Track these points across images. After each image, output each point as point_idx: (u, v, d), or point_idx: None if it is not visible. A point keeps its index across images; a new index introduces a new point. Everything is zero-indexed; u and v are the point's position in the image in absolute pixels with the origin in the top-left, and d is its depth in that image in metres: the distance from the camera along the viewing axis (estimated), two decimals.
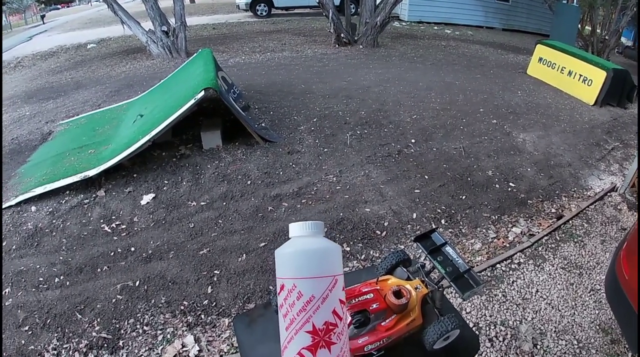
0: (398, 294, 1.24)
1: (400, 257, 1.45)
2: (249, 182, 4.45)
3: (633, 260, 2.69)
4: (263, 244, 3.69)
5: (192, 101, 4.37)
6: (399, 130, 5.85)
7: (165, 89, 5.90)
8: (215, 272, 3.40)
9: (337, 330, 0.87)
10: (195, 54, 6.68)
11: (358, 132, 5.67)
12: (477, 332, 3.09)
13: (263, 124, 5.66)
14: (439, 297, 1.36)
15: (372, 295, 1.23)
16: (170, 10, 10.19)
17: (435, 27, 16.20)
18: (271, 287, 3.32)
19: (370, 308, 1.20)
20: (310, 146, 5.20)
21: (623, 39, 18.61)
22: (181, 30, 9.86)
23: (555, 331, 3.21)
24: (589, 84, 8.51)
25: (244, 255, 3.57)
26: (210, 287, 3.27)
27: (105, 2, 10.00)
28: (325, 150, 5.16)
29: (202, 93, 4.40)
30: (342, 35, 11.18)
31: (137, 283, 3.26)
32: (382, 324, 1.21)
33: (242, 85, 6.97)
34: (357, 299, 1.22)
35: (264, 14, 17.27)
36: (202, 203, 4.13)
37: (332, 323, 0.85)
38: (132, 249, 3.58)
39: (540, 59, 9.75)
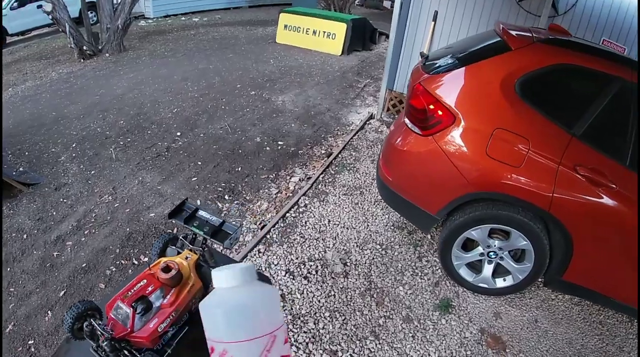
0: (166, 269, 1.31)
1: (165, 238, 1.53)
2: (25, 236, 4.06)
3: (389, 164, 3.29)
4: (62, 292, 3.45)
5: None
6: (163, 127, 5.87)
7: None
8: (30, 342, 3.10)
9: None
10: None
11: (121, 143, 5.54)
12: (269, 271, 3.41)
13: (21, 169, 5.14)
14: (209, 256, 1.48)
15: (145, 281, 1.29)
16: None
17: (183, 18, 16.04)
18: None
19: (147, 292, 1.26)
20: (76, 174, 4.94)
21: None
22: None
23: (357, 246, 3.67)
24: (333, 37, 9.58)
25: (49, 312, 3.30)
26: None
27: None
28: (93, 172, 4.95)
29: None
30: (84, 47, 10.46)
31: None
32: (165, 301, 1.27)
33: None
34: (131, 291, 1.26)
35: None
36: None
37: None
38: None
39: (286, 26, 10.51)
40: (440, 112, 2.88)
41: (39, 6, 12.69)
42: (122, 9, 10.61)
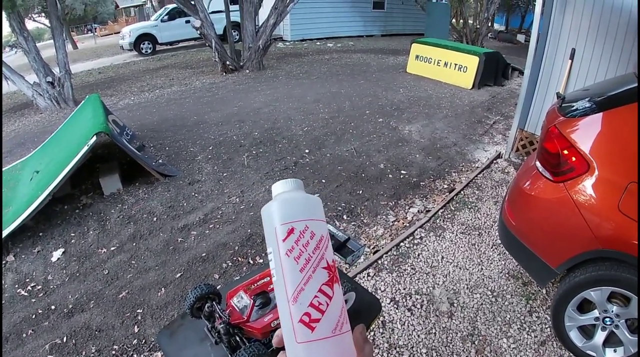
0: None
1: None
2: (155, 219, 4.49)
3: (515, 208, 3.07)
4: (179, 274, 3.74)
5: (86, 148, 4.35)
6: (293, 143, 6.14)
7: (58, 141, 5.75)
8: (138, 311, 3.39)
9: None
10: (82, 102, 6.52)
11: (254, 152, 5.89)
12: (377, 296, 3.20)
13: (160, 161, 5.71)
14: None
15: (268, 278, 1.42)
16: (53, 59, 9.72)
17: (318, 43, 16.77)
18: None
19: (269, 289, 1.38)
20: (209, 173, 5.34)
21: (497, 25, 20.62)
22: (66, 78, 9.41)
23: (467, 288, 3.48)
24: (464, 70, 9.34)
25: (163, 289, 3.59)
26: (136, 326, 3.25)
27: None
28: (225, 174, 5.32)
29: (94, 138, 4.40)
30: (227, 62, 11.36)
31: (65, 339, 3.16)
32: None
33: (135, 125, 6.97)
34: (255, 284, 1.40)
35: (149, 51, 17.02)
36: (113, 248, 4.11)
37: (335, 260, 0.86)
38: (53, 307, 3.46)
39: (417, 56, 10.51)
40: (574, 159, 2.65)
41: (187, 21, 14.11)
42: (263, 30, 11.39)
